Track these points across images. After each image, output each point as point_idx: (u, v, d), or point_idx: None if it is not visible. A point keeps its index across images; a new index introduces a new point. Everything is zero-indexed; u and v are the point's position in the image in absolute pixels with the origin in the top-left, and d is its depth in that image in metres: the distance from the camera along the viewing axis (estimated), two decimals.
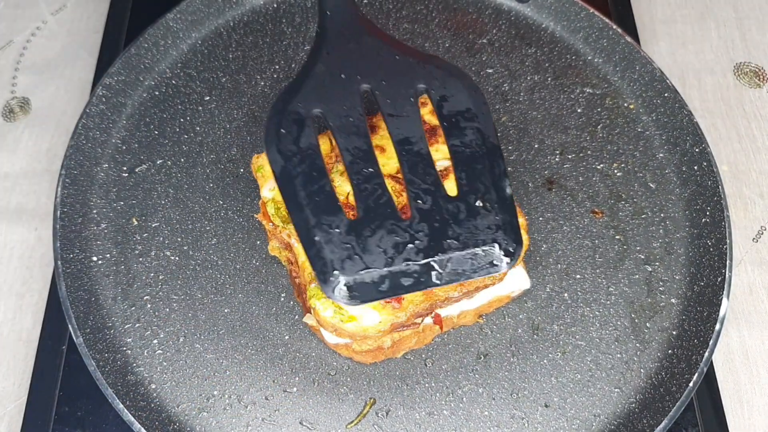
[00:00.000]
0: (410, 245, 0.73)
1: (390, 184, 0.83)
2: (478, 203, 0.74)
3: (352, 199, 0.82)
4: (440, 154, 0.87)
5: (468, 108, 0.79)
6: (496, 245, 0.73)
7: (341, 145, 0.76)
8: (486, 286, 0.85)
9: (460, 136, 0.77)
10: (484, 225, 0.74)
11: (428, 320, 0.87)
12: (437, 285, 0.73)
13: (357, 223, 0.73)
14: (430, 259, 0.72)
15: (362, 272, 0.72)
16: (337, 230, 0.73)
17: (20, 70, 1.23)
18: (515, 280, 0.89)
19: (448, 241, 0.73)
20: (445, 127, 0.78)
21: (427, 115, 0.90)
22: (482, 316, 0.93)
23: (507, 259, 0.74)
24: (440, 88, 0.80)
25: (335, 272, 0.72)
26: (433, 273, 0.73)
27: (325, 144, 0.90)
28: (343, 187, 0.85)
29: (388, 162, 0.87)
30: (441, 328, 0.88)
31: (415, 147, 0.77)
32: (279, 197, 0.87)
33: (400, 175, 0.84)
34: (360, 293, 0.72)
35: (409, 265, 0.72)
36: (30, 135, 1.17)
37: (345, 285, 0.72)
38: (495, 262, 0.73)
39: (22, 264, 1.06)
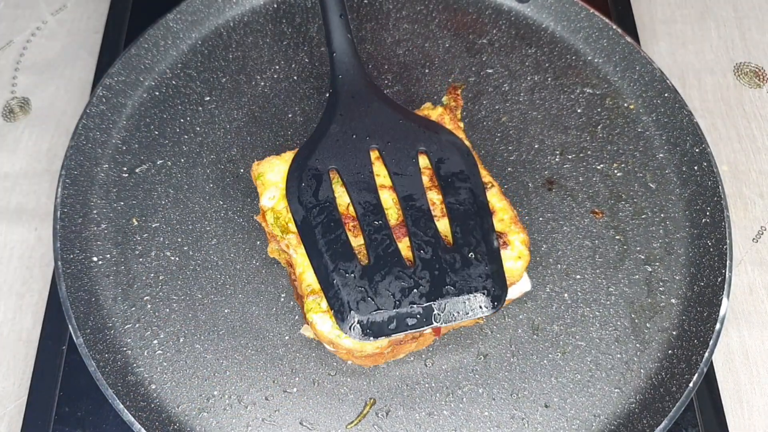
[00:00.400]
0: (415, 290, 0.82)
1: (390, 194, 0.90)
2: (471, 255, 0.84)
3: (351, 210, 0.88)
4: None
5: (461, 170, 0.90)
6: (486, 291, 0.83)
7: (354, 198, 0.87)
8: None
9: (455, 195, 0.88)
10: (476, 274, 0.83)
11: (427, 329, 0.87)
12: (436, 325, 0.82)
13: (369, 269, 0.83)
14: (431, 303, 0.82)
15: (374, 313, 0.81)
16: (352, 275, 0.83)
17: (20, 70, 1.23)
18: (515, 285, 0.89)
19: (446, 287, 0.83)
20: (442, 186, 0.88)
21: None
22: (483, 318, 0.93)
23: (493, 304, 0.83)
24: (438, 151, 0.91)
25: (351, 312, 0.81)
26: (434, 314, 0.82)
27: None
28: (342, 198, 0.89)
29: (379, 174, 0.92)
30: (438, 334, 0.89)
31: (417, 203, 0.87)
32: (278, 206, 0.89)
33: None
34: (372, 331, 0.81)
35: (413, 307, 0.82)
36: (30, 135, 1.17)
37: (359, 323, 0.81)
38: (483, 306, 0.83)
39: (22, 264, 1.06)
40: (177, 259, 0.96)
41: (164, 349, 0.90)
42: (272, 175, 0.91)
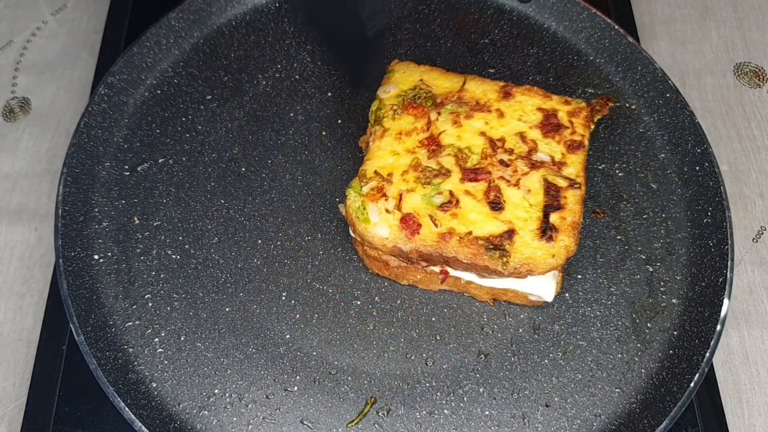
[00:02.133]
0: None
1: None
2: None
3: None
4: (548, 149, 0.94)
5: None
6: None
7: None
8: (498, 273, 0.86)
9: None
10: None
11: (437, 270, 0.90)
12: None
13: None
14: None
15: None
16: None
17: (20, 70, 1.23)
18: (539, 285, 0.89)
19: None
20: None
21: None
22: (495, 301, 0.93)
23: None
24: None
25: None
26: None
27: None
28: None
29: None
30: (443, 281, 0.91)
31: None
32: (387, 100, 0.97)
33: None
34: None
35: None
36: (30, 135, 1.17)
37: None
38: None
39: (22, 264, 1.06)
40: (178, 257, 0.96)
41: (165, 348, 0.90)
42: (402, 75, 1.00)
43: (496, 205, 0.88)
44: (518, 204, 0.89)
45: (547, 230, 0.87)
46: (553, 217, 0.88)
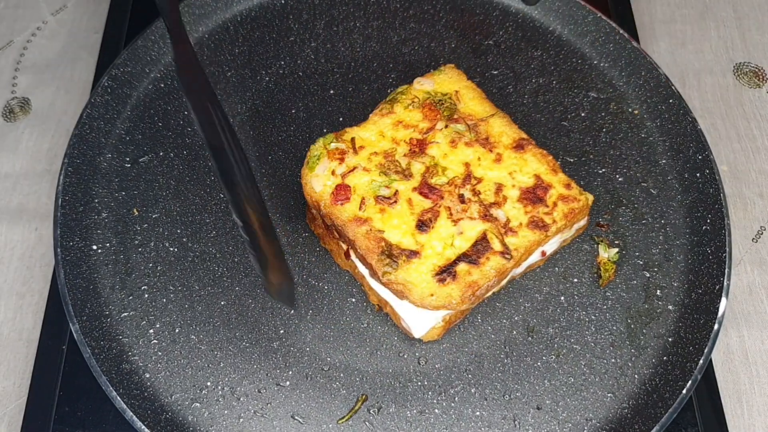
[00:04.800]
0: None
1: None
2: None
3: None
4: (512, 212, 0.90)
5: None
6: None
7: None
8: (377, 277, 0.87)
9: None
10: None
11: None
12: None
13: None
14: None
15: None
16: None
17: (20, 70, 1.23)
18: (414, 316, 0.88)
19: None
20: None
21: None
22: (379, 309, 0.94)
23: None
24: None
25: None
26: None
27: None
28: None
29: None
30: (347, 257, 0.92)
31: None
32: (416, 93, 0.98)
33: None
34: None
35: None
36: (30, 135, 1.17)
37: None
38: None
39: (22, 264, 1.06)
40: (176, 250, 0.97)
41: (159, 339, 0.91)
42: (445, 79, 1.00)
43: (423, 226, 0.87)
44: (443, 237, 0.87)
45: (445, 272, 0.85)
46: (461, 266, 0.85)
